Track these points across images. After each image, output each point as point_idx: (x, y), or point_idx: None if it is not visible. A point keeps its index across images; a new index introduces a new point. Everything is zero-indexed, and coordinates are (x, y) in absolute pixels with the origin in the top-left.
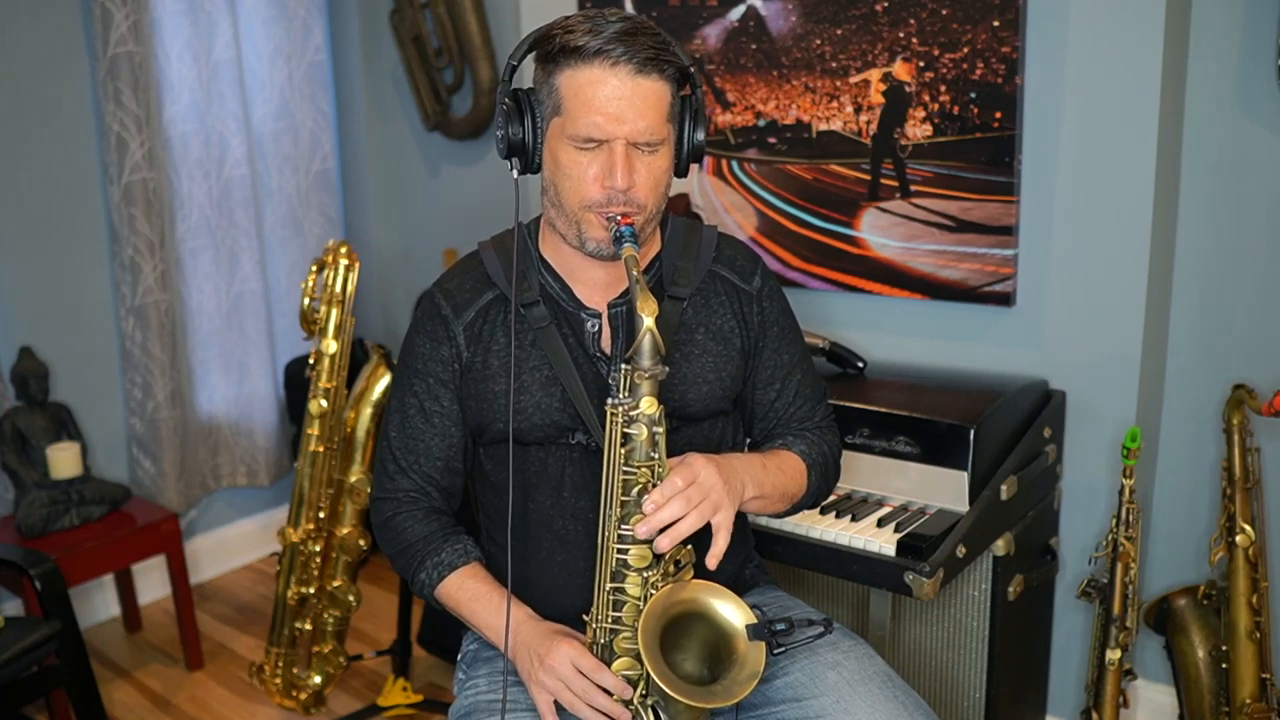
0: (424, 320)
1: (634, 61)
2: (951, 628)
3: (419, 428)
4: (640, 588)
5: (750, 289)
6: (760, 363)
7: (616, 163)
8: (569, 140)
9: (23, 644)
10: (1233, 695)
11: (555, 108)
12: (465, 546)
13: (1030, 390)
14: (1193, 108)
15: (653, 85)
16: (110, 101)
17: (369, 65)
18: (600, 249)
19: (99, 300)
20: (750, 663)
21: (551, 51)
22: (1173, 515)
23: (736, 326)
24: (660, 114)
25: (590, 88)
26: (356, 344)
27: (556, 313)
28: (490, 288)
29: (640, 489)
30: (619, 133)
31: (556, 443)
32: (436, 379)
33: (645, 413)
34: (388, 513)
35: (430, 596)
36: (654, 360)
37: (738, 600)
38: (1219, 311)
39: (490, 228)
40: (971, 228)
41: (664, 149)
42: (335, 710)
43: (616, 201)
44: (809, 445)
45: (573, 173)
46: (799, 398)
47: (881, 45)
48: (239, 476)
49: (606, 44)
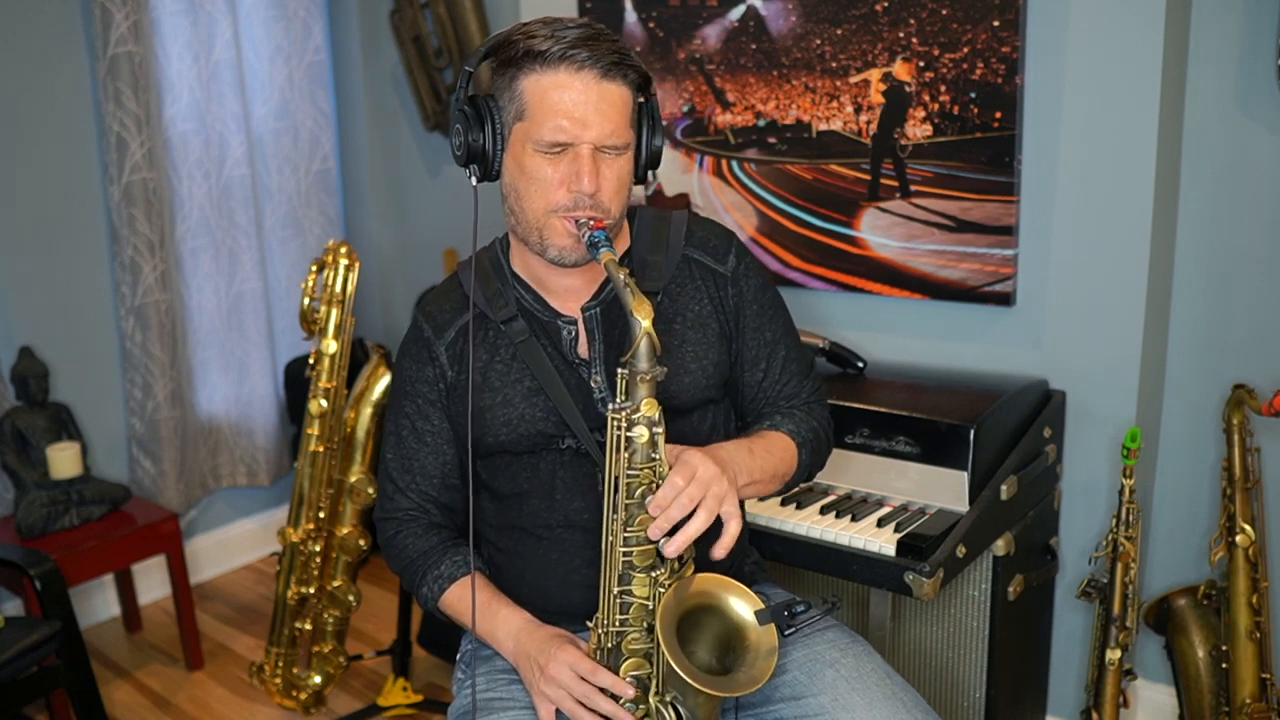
0: (409, 343)
1: (599, 66)
2: (951, 628)
3: (413, 448)
4: (648, 588)
5: (725, 270)
6: (744, 344)
7: (583, 166)
8: (533, 145)
9: (23, 644)
10: (1233, 695)
11: (518, 113)
12: (465, 558)
13: (1030, 390)
14: (1193, 108)
15: (617, 90)
16: (110, 101)
17: (369, 65)
18: (563, 255)
19: (99, 300)
20: (765, 645)
21: (514, 56)
22: (1173, 515)
23: (713, 311)
24: (624, 118)
25: (556, 91)
26: (356, 344)
27: (534, 324)
28: (469, 306)
29: (643, 490)
30: (585, 136)
31: (546, 449)
32: (425, 399)
33: (646, 415)
34: (390, 532)
35: (435, 609)
36: (651, 362)
37: (745, 589)
38: (1219, 311)
39: (490, 227)
40: (971, 228)
41: (627, 153)
42: (335, 710)
43: (583, 205)
44: (797, 423)
45: (537, 177)
46: (785, 374)
47: (881, 45)
48: (239, 476)
49: (570, 48)
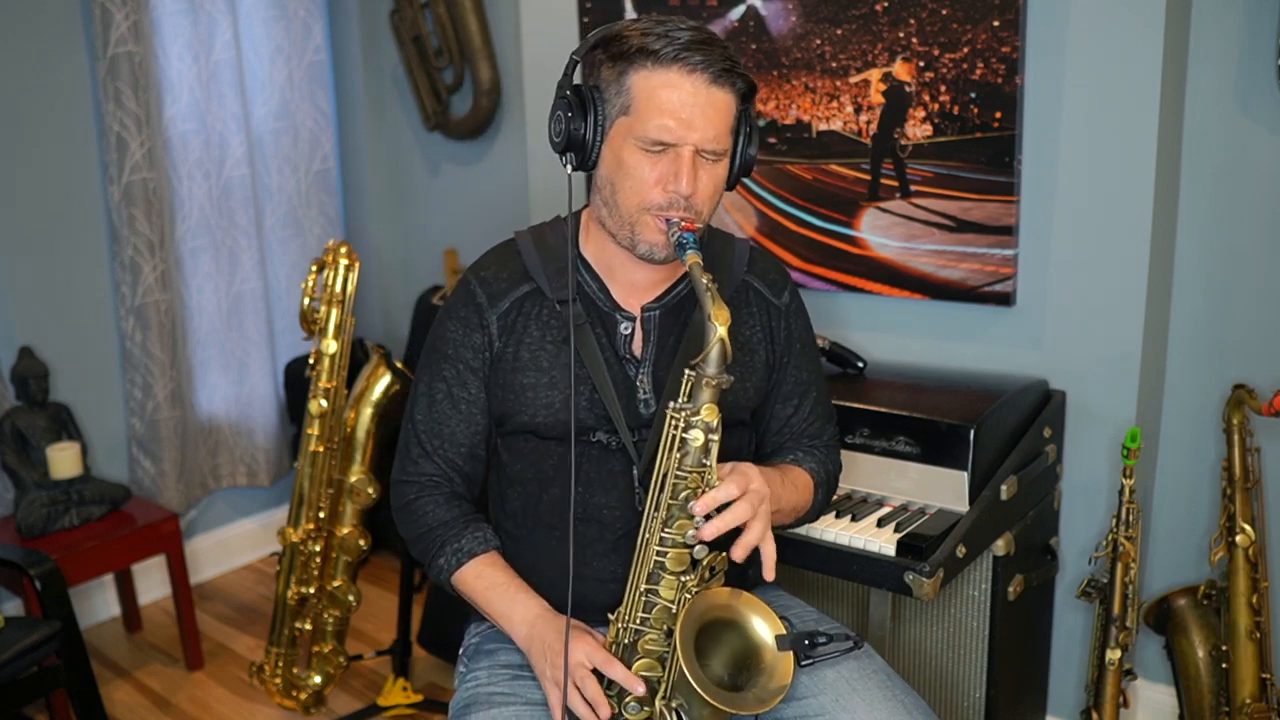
0: (458, 305)
1: (710, 71)
2: (951, 628)
3: (446, 413)
4: (675, 591)
5: (780, 304)
6: (783, 377)
7: (683, 168)
8: (636, 141)
9: (23, 644)
10: (1233, 695)
11: (624, 107)
12: (485, 534)
13: (1030, 390)
14: (1193, 108)
15: (724, 96)
16: (110, 101)
17: (369, 65)
18: (652, 252)
19: (99, 300)
20: (778, 675)
21: (626, 51)
22: (1173, 515)
23: (764, 339)
24: (727, 125)
25: (665, 91)
26: (356, 344)
27: (591, 312)
28: (527, 280)
29: (687, 494)
30: (689, 139)
31: (578, 439)
32: (467, 365)
33: (704, 419)
34: (410, 495)
35: (447, 582)
36: (720, 369)
37: (769, 612)
38: (1219, 311)
39: (490, 227)
40: (971, 228)
41: (725, 160)
42: (335, 710)
43: (677, 206)
44: (818, 463)
45: (635, 174)
46: (813, 415)
47: (881, 45)
48: (239, 476)
49: (684, 50)
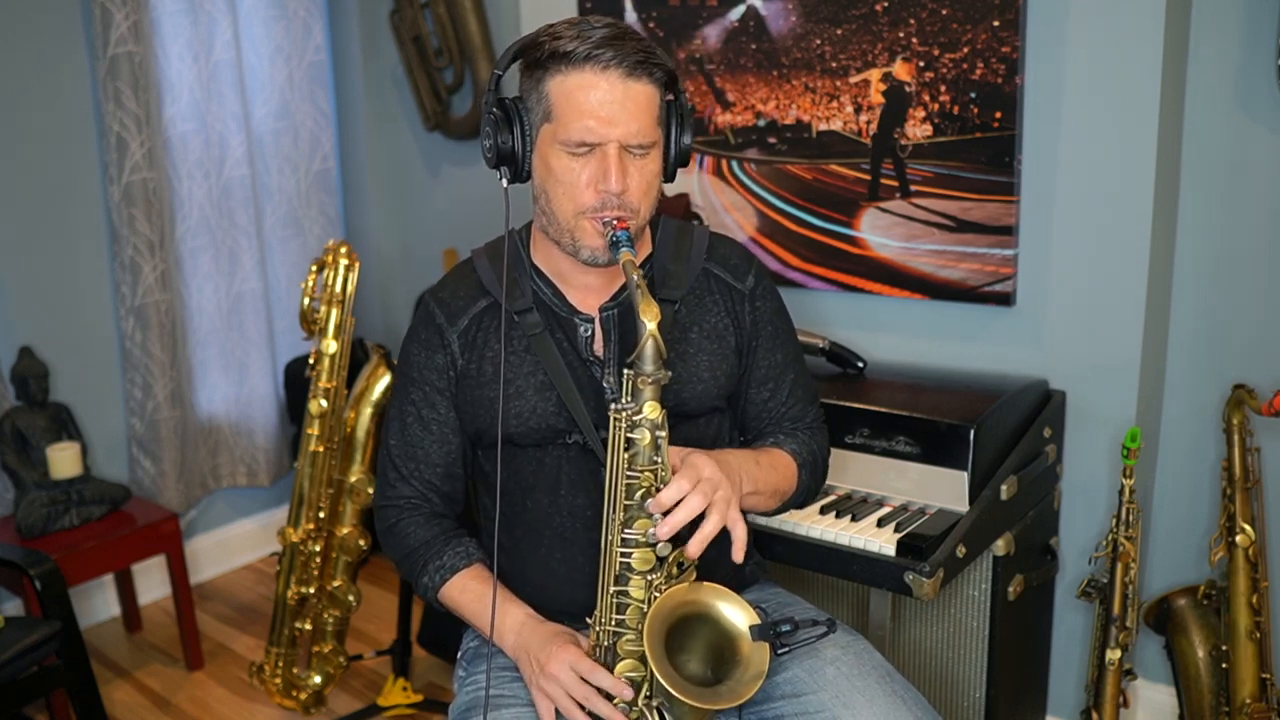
0: (419, 328)
1: (624, 65)
2: (951, 628)
3: (417, 435)
4: (644, 590)
5: (743, 288)
6: (754, 362)
7: (610, 166)
8: (561, 146)
9: (23, 644)
10: (1233, 695)
11: (545, 114)
12: (467, 549)
13: (1030, 390)
14: (1193, 108)
15: (643, 88)
16: (110, 101)
17: (369, 65)
18: (595, 256)
19: (99, 300)
20: (755, 663)
21: (540, 58)
22: (1173, 515)
23: (730, 325)
24: (651, 116)
25: (581, 92)
26: (356, 344)
27: (549, 318)
28: (484, 295)
29: (643, 493)
30: (611, 136)
31: (553, 444)
32: (432, 386)
33: (648, 417)
34: (391, 519)
35: (434, 600)
36: (656, 365)
37: (741, 601)
38: (1219, 312)
39: (490, 227)
40: (971, 228)
41: (654, 152)
42: (335, 710)
43: (611, 205)
44: (800, 445)
45: (565, 178)
46: (792, 398)
47: (881, 45)
48: (239, 476)
49: (595, 48)
